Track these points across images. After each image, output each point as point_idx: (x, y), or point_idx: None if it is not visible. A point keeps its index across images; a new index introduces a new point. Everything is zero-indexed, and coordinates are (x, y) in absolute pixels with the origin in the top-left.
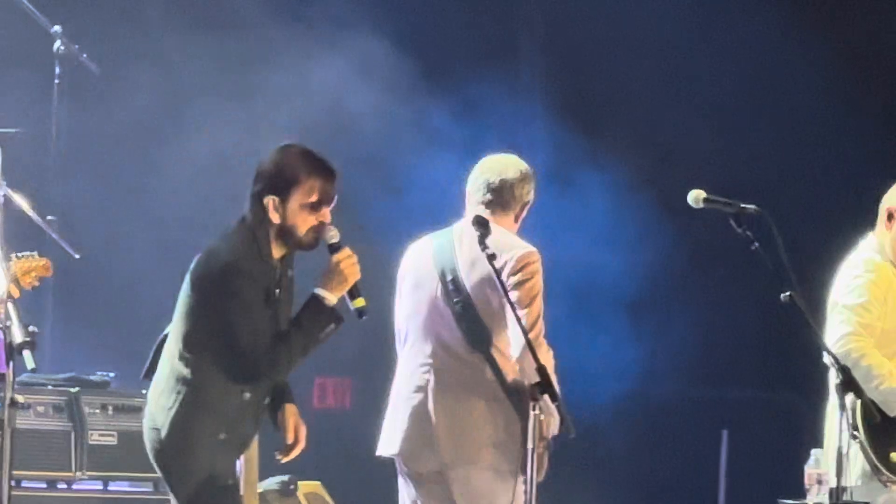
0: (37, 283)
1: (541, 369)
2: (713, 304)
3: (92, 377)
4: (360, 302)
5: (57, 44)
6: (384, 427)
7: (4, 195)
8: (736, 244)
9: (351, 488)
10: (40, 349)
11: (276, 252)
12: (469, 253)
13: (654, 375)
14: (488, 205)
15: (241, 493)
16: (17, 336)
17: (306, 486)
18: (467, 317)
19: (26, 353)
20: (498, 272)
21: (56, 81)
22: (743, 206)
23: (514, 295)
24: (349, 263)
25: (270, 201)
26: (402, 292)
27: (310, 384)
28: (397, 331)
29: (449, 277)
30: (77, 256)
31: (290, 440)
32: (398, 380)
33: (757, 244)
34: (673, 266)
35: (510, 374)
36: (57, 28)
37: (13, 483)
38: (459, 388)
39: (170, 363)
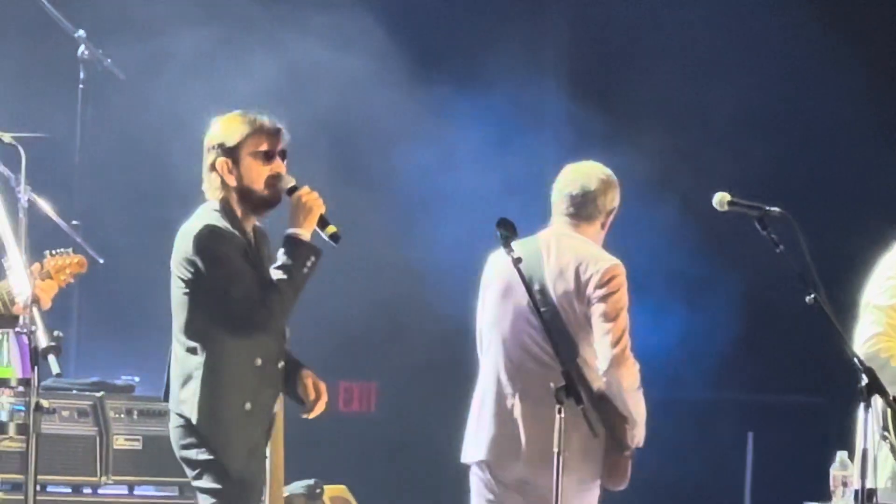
0: (71, 280)
1: (567, 374)
2: (738, 305)
3: (117, 382)
4: (331, 229)
5: (81, 48)
6: (468, 434)
7: (29, 199)
8: (762, 245)
9: (376, 492)
10: (65, 354)
11: (245, 220)
12: (556, 263)
13: (679, 377)
14: (572, 216)
15: (266, 497)
16: (42, 341)
17: (332, 490)
18: (554, 327)
19: (51, 358)
20: (524, 277)
21: (80, 86)
22: (768, 208)
23: (599, 308)
24: (311, 197)
25: (223, 164)
26: (485, 300)
27: (335, 388)
28: (479, 338)
29: (536, 287)
30: (102, 261)
31: (311, 396)
32: (481, 386)
33: (782, 247)
34: (698, 266)
35: (595, 383)
36: (81, 33)
37: (38, 488)
38: (545, 396)
39: (180, 364)
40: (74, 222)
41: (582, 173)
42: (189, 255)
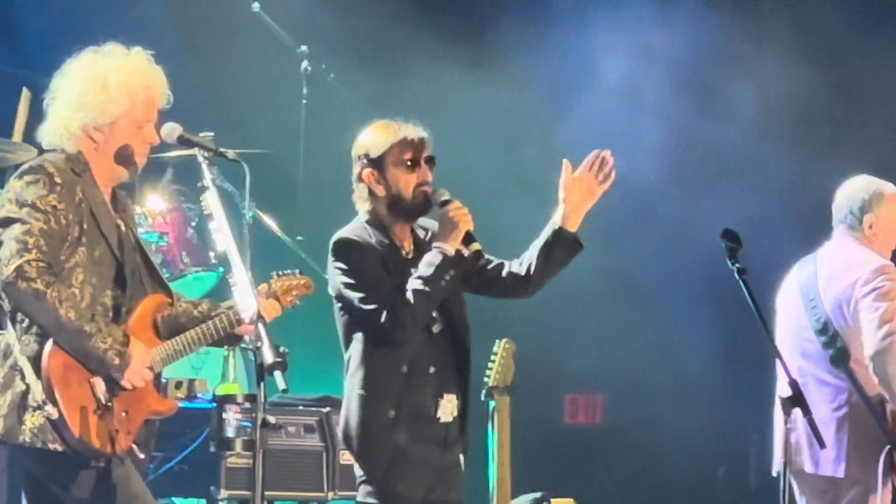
0: (297, 302)
1: (793, 383)
2: None
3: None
4: (475, 246)
5: (304, 63)
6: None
7: (253, 216)
8: None
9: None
10: (291, 369)
11: (399, 230)
12: (827, 271)
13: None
14: (849, 227)
15: None
16: (268, 357)
17: (559, 503)
18: (827, 332)
19: (277, 374)
20: (749, 290)
21: (303, 101)
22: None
23: (865, 302)
24: (459, 213)
25: (369, 175)
26: (777, 312)
27: (561, 400)
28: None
29: (810, 296)
30: (326, 276)
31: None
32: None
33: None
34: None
35: (871, 389)
36: (304, 48)
37: (265, 503)
38: (822, 401)
39: (344, 381)
40: (299, 238)
41: (854, 187)
42: (329, 269)
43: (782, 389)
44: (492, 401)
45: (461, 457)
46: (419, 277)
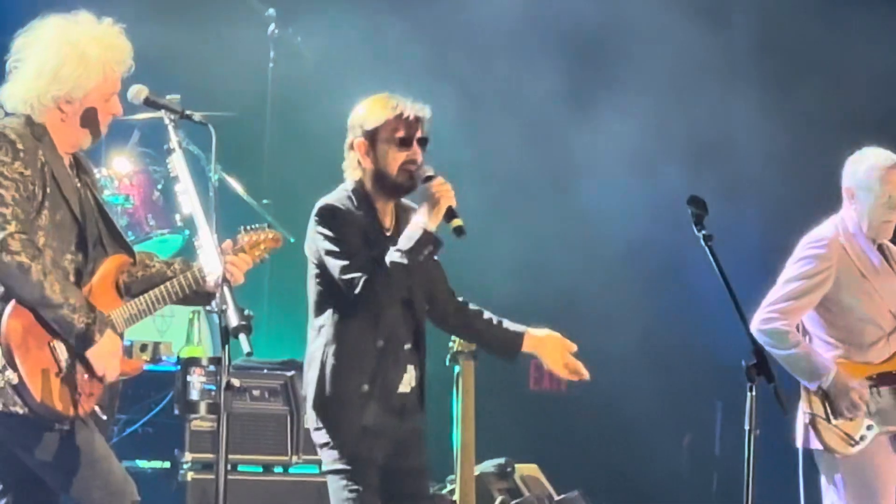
0: (266, 256)
1: (757, 350)
2: None
3: None
4: (456, 222)
5: (271, 27)
6: None
7: (219, 179)
8: None
9: (567, 471)
10: (256, 333)
11: (381, 204)
12: None
13: None
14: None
15: (457, 476)
16: (233, 320)
17: (523, 469)
18: None
19: (242, 337)
20: (714, 255)
21: (270, 65)
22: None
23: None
24: (442, 189)
25: (361, 145)
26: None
27: (526, 366)
28: None
29: None
30: (292, 240)
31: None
32: None
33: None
34: None
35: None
36: (271, 11)
37: (229, 467)
38: None
39: (310, 345)
40: (265, 201)
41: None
42: (310, 234)
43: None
44: (457, 365)
45: (420, 425)
46: (398, 250)
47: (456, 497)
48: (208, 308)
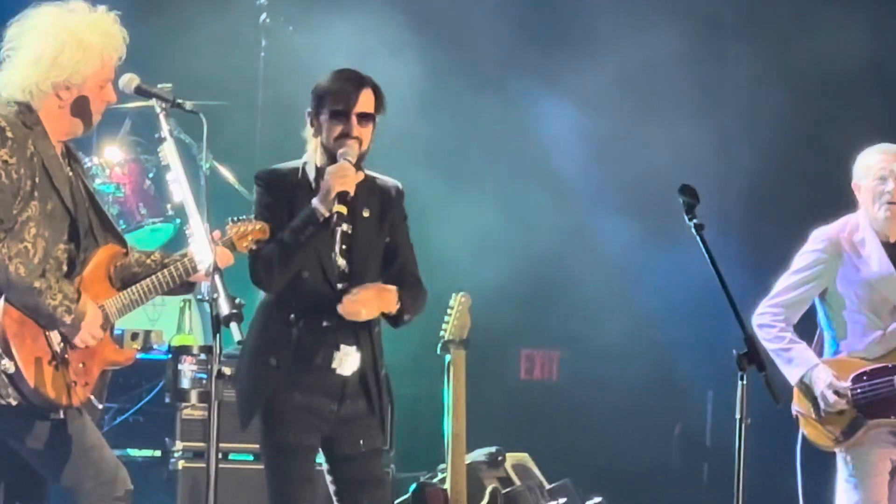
0: (253, 247)
1: (749, 339)
2: None
3: None
4: (338, 208)
5: (263, 16)
6: None
7: (211, 168)
8: None
9: (558, 459)
10: (247, 321)
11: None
12: None
13: None
14: None
15: (448, 464)
16: (224, 308)
17: (514, 458)
18: None
19: (233, 326)
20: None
21: (262, 54)
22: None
23: None
24: (336, 175)
25: (309, 115)
26: None
27: (516, 356)
28: None
29: None
30: None
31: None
32: None
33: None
34: None
35: None
36: (262, 0)
37: (220, 456)
38: None
39: None
40: None
41: None
42: None
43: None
44: (447, 354)
45: (365, 410)
46: (289, 228)
47: (447, 486)
48: (199, 296)
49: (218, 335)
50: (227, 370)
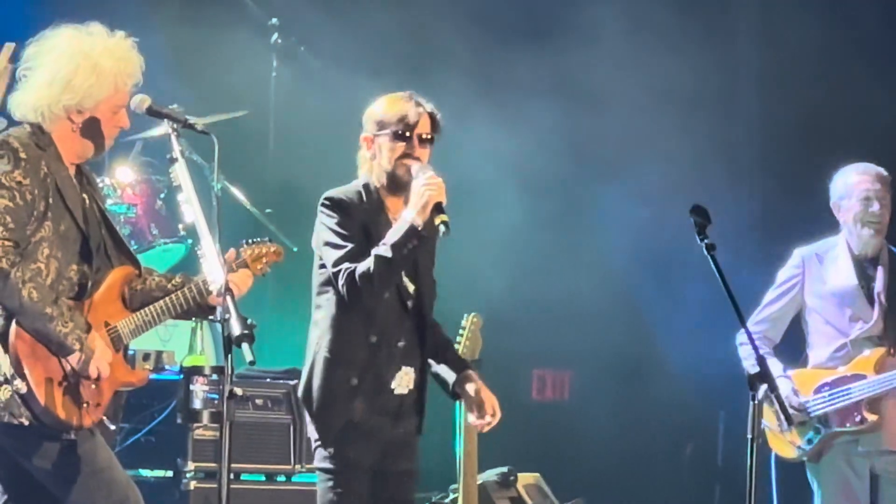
0: (268, 270)
1: (760, 359)
2: None
3: None
4: (441, 218)
5: (274, 36)
6: None
7: (222, 188)
8: None
9: (569, 479)
10: (258, 342)
11: (392, 201)
12: None
13: None
14: None
15: (460, 485)
16: (236, 329)
17: (525, 478)
18: None
19: (245, 346)
20: (717, 265)
21: (273, 74)
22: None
23: None
24: (431, 185)
25: (365, 139)
26: None
27: (528, 376)
28: None
29: None
30: (295, 249)
31: (487, 411)
32: None
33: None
34: None
35: None
36: (274, 21)
37: (232, 476)
38: None
39: (309, 337)
40: (268, 210)
41: None
42: (316, 223)
43: (751, 366)
44: None
45: (415, 430)
46: (383, 244)
47: None
48: (211, 317)
49: (230, 356)
50: (238, 391)
